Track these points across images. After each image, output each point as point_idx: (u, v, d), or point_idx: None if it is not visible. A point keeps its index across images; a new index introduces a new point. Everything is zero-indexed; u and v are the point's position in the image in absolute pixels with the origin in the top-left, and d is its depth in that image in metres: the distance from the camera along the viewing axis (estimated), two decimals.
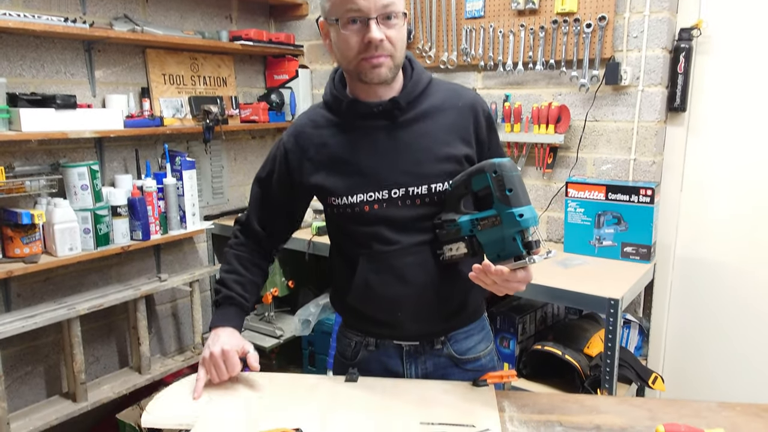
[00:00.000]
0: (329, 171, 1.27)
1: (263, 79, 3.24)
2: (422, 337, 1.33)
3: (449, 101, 1.28)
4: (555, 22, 2.32)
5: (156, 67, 2.65)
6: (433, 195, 1.23)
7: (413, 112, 1.25)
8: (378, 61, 1.16)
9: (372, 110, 1.23)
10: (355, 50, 1.16)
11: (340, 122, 1.28)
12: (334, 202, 1.27)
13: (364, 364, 1.36)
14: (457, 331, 1.35)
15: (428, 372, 1.34)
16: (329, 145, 1.28)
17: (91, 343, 2.51)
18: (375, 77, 1.18)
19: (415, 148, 1.24)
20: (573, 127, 2.40)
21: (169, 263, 2.82)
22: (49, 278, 2.36)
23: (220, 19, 2.97)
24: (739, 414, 1.16)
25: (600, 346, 2.05)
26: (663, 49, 2.18)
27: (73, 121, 2.19)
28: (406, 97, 1.24)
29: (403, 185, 1.23)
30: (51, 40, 2.29)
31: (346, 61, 1.19)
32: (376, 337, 1.35)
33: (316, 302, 2.84)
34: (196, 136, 2.83)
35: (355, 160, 1.25)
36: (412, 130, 1.25)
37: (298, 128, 1.34)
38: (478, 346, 1.38)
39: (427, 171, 1.23)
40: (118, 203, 2.34)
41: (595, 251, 2.24)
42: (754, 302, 2.25)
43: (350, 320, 1.41)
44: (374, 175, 1.24)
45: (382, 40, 1.14)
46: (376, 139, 1.25)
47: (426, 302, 1.27)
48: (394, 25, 1.16)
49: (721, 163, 2.26)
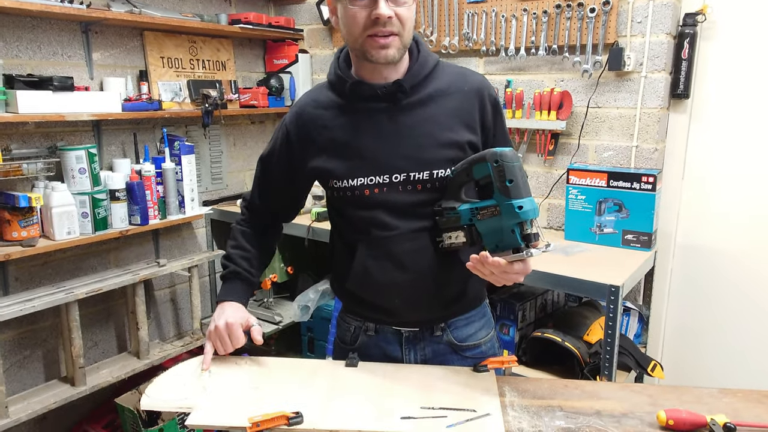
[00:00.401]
0: (330, 153, 1.26)
1: (263, 64, 3.21)
2: (421, 323, 1.32)
3: (455, 85, 1.26)
4: (558, 6, 2.29)
5: (154, 50, 2.62)
6: (435, 181, 1.22)
7: (417, 96, 1.23)
8: (386, 41, 1.14)
9: (375, 92, 1.21)
10: (361, 26, 1.14)
11: (342, 104, 1.26)
12: (335, 185, 1.26)
13: (363, 349, 1.35)
14: (457, 318, 1.34)
15: (427, 358, 1.34)
16: (331, 128, 1.26)
17: (89, 327, 2.51)
18: (381, 57, 1.16)
19: (418, 132, 1.22)
20: (575, 114, 2.38)
21: (167, 248, 2.81)
22: (47, 262, 2.35)
23: (219, 2, 2.93)
24: (740, 400, 1.15)
25: (599, 333, 2.05)
26: (667, 35, 2.16)
27: (71, 103, 2.17)
28: (411, 80, 1.22)
29: (404, 170, 1.22)
30: (48, 21, 2.26)
31: (353, 39, 1.17)
32: (376, 323, 1.35)
33: (315, 288, 2.83)
34: (195, 121, 2.80)
35: (356, 143, 1.24)
36: (415, 114, 1.23)
37: (300, 108, 1.32)
38: (479, 333, 1.37)
39: (429, 156, 1.22)
40: (117, 187, 2.32)
41: (596, 238, 2.24)
42: (754, 291, 2.25)
43: (349, 305, 1.40)
44: (375, 158, 1.22)
45: (390, 17, 1.12)
46: (379, 122, 1.23)
47: (425, 289, 1.26)
48: (403, 3, 1.14)
49: (723, 152, 2.25)
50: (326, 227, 2.51)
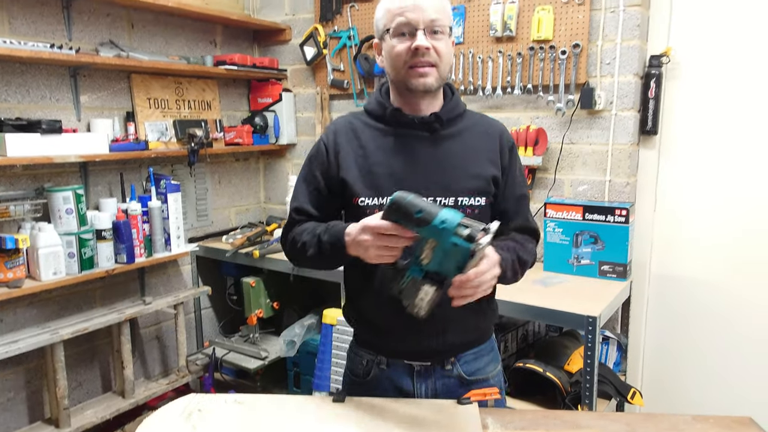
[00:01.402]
0: (361, 170, 1.32)
1: (247, 103, 3.28)
2: (432, 356, 1.35)
3: (480, 126, 1.38)
4: (531, 48, 2.41)
5: (141, 92, 2.68)
6: (458, 209, 1.26)
7: (450, 130, 1.34)
8: (424, 70, 1.25)
9: (413, 121, 1.31)
10: (403, 58, 1.25)
11: (380, 127, 1.35)
12: (361, 203, 1.30)
13: (374, 382, 1.39)
14: (466, 352, 1.38)
15: (438, 392, 1.36)
16: (366, 147, 1.33)
17: (74, 367, 2.50)
18: (421, 85, 1.26)
19: (448, 162, 1.31)
20: (550, 150, 2.48)
21: (153, 286, 2.82)
22: (32, 303, 2.35)
23: (204, 44, 3.01)
24: (712, 426, 1.21)
25: (580, 362, 2.10)
26: (634, 75, 2.28)
27: (59, 145, 2.21)
28: (447, 114, 1.33)
29: (431, 195, 1.27)
30: (37, 66, 2.32)
31: (396, 71, 1.28)
32: (388, 356, 1.38)
33: (300, 323, 2.85)
34: (181, 159, 2.85)
35: (388, 164, 1.31)
36: (447, 146, 1.32)
37: (338, 126, 1.39)
38: (487, 367, 1.41)
39: (456, 185, 1.30)
40: (103, 227, 2.35)
41: (574, 270, 2.31)
42: (728, 316, 2.33)
43: (361, 335, 1.43)
44: (404, 180, 1.28)
45: (428, 48, 1.23)
46: (413, 148, 1.32)
47: (440, 319, 1.28)
48: (440, 38, 1.26)
49: (691, 184, 2.35)
50: None
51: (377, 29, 1.33)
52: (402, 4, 1.25)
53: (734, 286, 2.31)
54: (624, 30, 2.26)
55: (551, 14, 2.35)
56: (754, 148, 2.22)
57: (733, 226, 2.28)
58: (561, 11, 2.34)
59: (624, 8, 2.24)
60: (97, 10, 2.50)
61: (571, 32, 2.33)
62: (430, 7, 1.24)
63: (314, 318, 2.85)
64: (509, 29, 2.43)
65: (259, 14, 3.26)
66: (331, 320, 2.41)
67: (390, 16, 1.26)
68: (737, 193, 2.26)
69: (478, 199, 1.31)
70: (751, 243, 2.25)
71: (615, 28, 2.27)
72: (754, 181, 2.23)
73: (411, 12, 1.23)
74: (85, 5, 2.45)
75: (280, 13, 3.18)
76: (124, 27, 2.62)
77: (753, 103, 2.21)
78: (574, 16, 2.32)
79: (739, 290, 2.30)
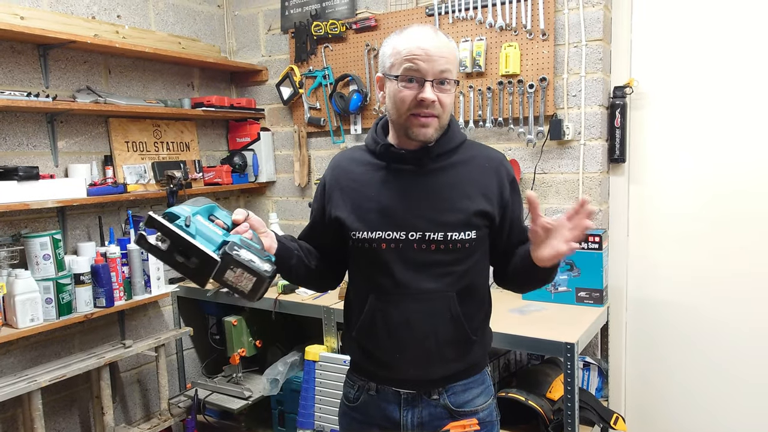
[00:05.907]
0: (353, 205, 1.36)
1: (226, 142, 3.32)
2: (420, 385, 1.37)
3: (477, 160, 1.38)
4: (501, 83, 2.48)
5: (119, 135, 2.71)
6: (449, 243, 1.30)
7: (441, 163, 1.35)
8: (426, 121, 1.27)
9: (403, 155, 1.34)
10: (407, 105, 1.27)
11: (374, 163, 1.38)
12: (353, 236, 1.34)
13: (363, 408, 1.42)
14: (455, 384, 1.39)
15: (423, 421, 1.37)
16: (359, 181, 1.37)
17: (52, 416, 2.45)
18: (421, 135, 1.29)
19: (438, 196, 1.33)
20: (524, 180, 2.53)
21: (133, 328, 2.80)
22: (9, 350, 2.32)
23: (182, 87, 3.06)
24: None
25: (562, 389, 2.11)
26: (600, 106, 2.36)
27: (36, 191, 2.21)
28: (438, 149, 1.34)
29: (421, 229, 1.30)
30: (13, 114, 2.33)
31: (397, 115, 1.30)
32: (378, 382, 1.40)
33: (284, 360, 2.83)
34: (161, 201, 2.86)
35: (378, 199, 1.34)
36: (437, 179, 1.34)
37: (336, 162, 1.45)
38: (476, 399, 1.41)
39: (446, 219, 1.31)
40: (81, 271, 2.34)
41: (552, 297, 2.34)
42: (702, 338, 2.37)
43: (355, 359, 1.46)
44: (395, 215, 1.32)
45: (434, 101, 1.25)
46: (404, 182, 1.34)
47: (427, 350, 1.33)
48: (446, 90, 1.28)
49: (660, 208, 2.42)
50: (293, 300, 2.56)
51: (383, 65, 1.32)
52: (414, 52, 1.24)
53: (708, 307, 2.35)
54: (587, 63, 2.35)
55: (517, 50, 2.44)
56: (718, 170, 2.30)
57: (702, 249, 2.34)
58: (527, 47, 2.43)
59: (586, 43, 2.34)
60: (74, 57, 2.54)
61: (538, 66, 2.42)
62: (442, 58, 1.24)
63: (297, 355, 2.83)
64: (478, 65, 2.51)
65: (235, 56, 3.33)
66: (313, 357, 2.41)
67: (399, 60, 1.26)
68: (706, 214, 2.33)
69: (468, 233, 1.31)
70: (722, 263, 2.31)
71: (579, 61, 2.36)
72: (721, 202, 2.30)
73: (422, 62, 1.24)
74: (61, 53, 2.49)
75: (257, 55, 3.25)
76: (101, 73, 2.66)
77: (713, 127, 2.29)
78: (540, 52, 2.41)
79: (713, 311, 2.34)
